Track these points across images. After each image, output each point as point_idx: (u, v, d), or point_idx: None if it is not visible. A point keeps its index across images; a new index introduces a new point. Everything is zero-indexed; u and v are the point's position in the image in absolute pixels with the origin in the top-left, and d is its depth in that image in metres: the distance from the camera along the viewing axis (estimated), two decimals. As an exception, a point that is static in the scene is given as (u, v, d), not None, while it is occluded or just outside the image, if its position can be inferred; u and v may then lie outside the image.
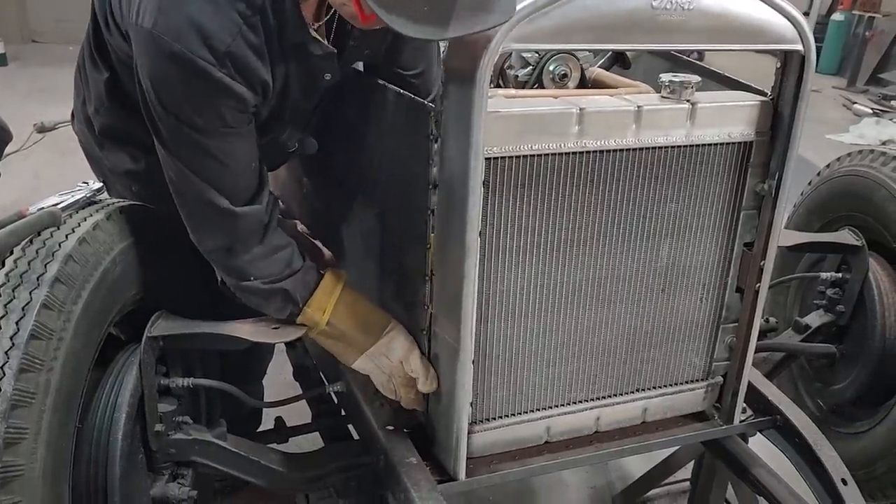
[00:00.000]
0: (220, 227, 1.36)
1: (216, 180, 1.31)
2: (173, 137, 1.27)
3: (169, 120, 1.25)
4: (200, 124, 1.25)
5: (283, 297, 1.42)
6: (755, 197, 1.53)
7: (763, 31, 1.37)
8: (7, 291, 1.15)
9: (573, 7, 1.21)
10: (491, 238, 1.35)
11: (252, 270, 1.40)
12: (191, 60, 1.17)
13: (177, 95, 1.22)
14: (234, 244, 1.37)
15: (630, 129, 1.38)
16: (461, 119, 1.24)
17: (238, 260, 1.39)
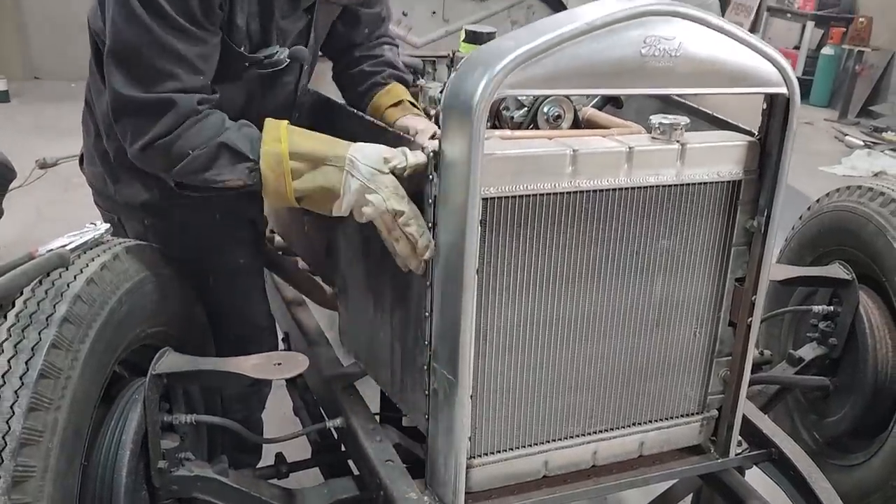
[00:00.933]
0: (159, 119, 1.37)
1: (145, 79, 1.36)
2: (123, 23, 1.34)
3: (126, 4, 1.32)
4: (163, 7, 1.32)
5: (229, 154, 1.40)
6: (745, 233, 1.57)
7: (748, 74, 1.42)
8: (17, 331, 1.18)
9: (564, 55, 1.26)
10: (488, 275, 1.39)
11: (186, 145, 1.39)
12: None
13: None
14: (162, 133, 1.38)
15: (622, 169, 1.43)
16: (459, 161, 1.28)
17: (170, 144, 1.38)
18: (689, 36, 1.34)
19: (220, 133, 1.40)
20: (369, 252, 1.67)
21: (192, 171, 1.41)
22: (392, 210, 1.34)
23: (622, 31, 1.29)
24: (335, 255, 1.86)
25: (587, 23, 1.27)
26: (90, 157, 1.71)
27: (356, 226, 1.72)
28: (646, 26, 1.30)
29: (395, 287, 1.56)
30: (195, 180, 1.43)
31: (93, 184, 1.73)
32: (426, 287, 1.41)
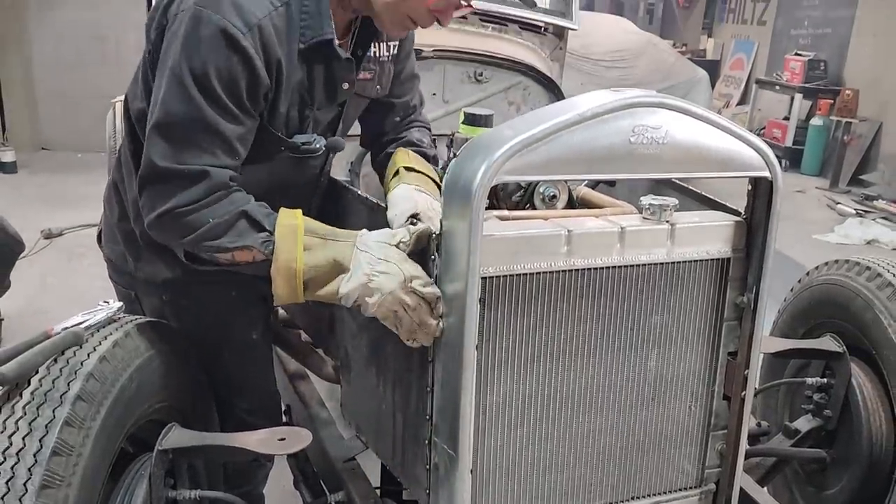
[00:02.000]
0: (189, 188, 1.41)
1: (186, 154, 1.41)
2: (173, 98, 1.40)
3: (178, 82, 1.39)
4: (215, 89, 1.39)
5: (247, 222, 1.43)
6: (735, 309, 1.62)
7: (733, 160, 1.50)
8: (32, 409, 1.21)
9: (558, 144, 1.34)
10: (488, 351, 1.44)
11: (208, 214, 1.42)
12: (225, 27, 1.38)
13: (205, 61, 1.38)
14: (200, 203, 1.41)
15: (615, 248, 1.49)
16: (459, 242, 1.34)
17: (192, 212, 1.42)
18: (675, 125, 1.42)
19: (242, 205, 1.45)
20: (372, 326, 1.72)
21: (207, 239, 1.43)
22: (408, 275, 1.35)
23: (612, 121, 1.37)
24: (338, 328, 1.91)
25: (579, 113, 1.35)
26: (111, 235, 1.76)
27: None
28: (634, 116, 1.38)
29: (397, 361, 1.60)
30: (206, 250, 1.45)
31: (111, 260, 1.79)
32: (428, 362, 1.45)
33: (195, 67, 1.39)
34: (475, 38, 2.82)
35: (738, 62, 11.50)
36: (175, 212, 1.42)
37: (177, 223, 1.43)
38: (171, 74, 1.41)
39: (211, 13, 1.38)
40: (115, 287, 1.80)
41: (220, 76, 1.40)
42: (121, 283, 1.78)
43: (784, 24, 10.55)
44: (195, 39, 1.39)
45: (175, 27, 1.43)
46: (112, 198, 1.75)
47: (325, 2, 1.48)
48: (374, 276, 1.37)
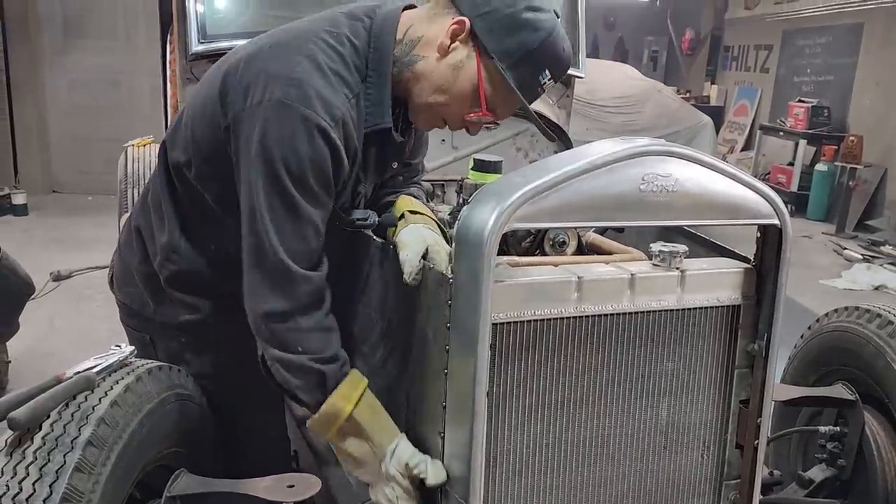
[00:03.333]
0: (284, 289, 1.43)
1: (295, 243, 1.43)
2: (275, 195, 1.41)
3: (279, 178, 1.40)
4: (310, 184, 1.42)
5: (317, 380, 1.45)
6: (747, 356, 1.62)
7: (741, 207, 1.51)
8: (43, 454, 1.21)
9: (568, 191, 1.36)
10: (498, 398, 1.43)
11: (302, 342, 1.44)
12: (317, 121, 1.41)
13: (300, 153, 1.40)
14: (293, 309, 1.43)
15: (625, 294, 1.49)
16: (471, 288, 1.35)
17: (292, 326, 1.43)
18: (685, 173, 1.44)
19: (329, 359, 1.47)
20: (383, 371, 1.72)
21: (284, 364, 1.46)
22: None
23: (622, 170, 1.39)
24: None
25: (590, 162, 1.37)
26: (128, 278, 1.76)
27: (371, 344, 1.78)
28: (644, 165, 1.40)
29: (408, 407, 1.59)
30: (276, 370, 1.49)
31: (125, 304, 1.79)
32: (441, 408, 1.45)
33: (290, 162, 1.40)
34: (484, 86, 2.86)
35: (742, 108, 11.63)
36: (270, 320, 1.44)
37: (268, 331, 1.45)
38: (263, 166, 1.41)
39: (300, 107, 1.40)
40: (128, 331, 1.80)
41: (314, 168, 1.42)
42: (134, 327, 1.78)
43: (787, 72, 10.70)
44: (287, 131, 1.40)
45: (258, 113, 1.42)
46: (133, 241, 1.75)
47: (386, 92, 1.53)
48: (375, 491, 1.52)
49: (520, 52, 1.48)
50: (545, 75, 1.52)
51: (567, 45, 1.53)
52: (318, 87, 1.42)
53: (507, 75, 1.48)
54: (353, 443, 1.49)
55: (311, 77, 1.43)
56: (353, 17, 1.56)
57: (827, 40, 9.78)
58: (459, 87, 1.52)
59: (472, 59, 1.50)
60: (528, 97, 1.54)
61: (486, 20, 1.48)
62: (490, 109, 1.54)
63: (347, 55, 1.50)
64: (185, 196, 1.62)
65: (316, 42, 1.48)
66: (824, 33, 9.84)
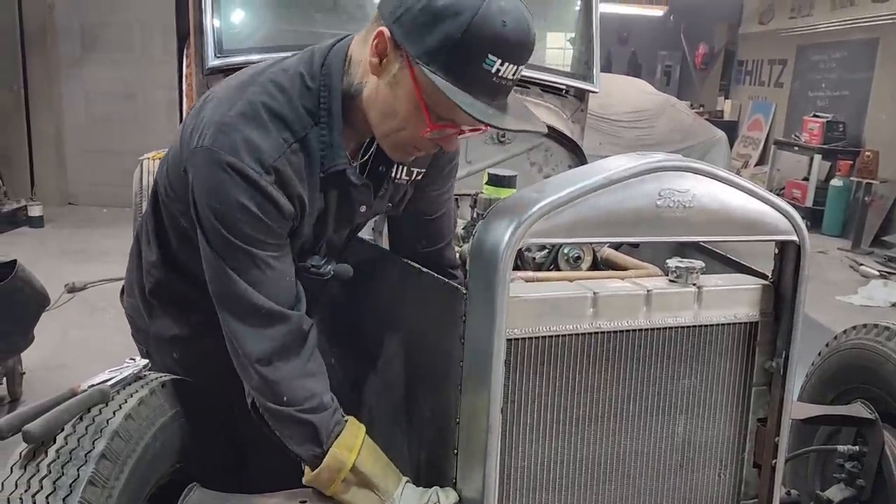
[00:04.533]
0: (263, 331, 1.40)
1: (260, 285, 1.39)
2: (221, 245, 1.38)
3: (218, 228, 1.36)
4: (247, 232, 1.36)
5: (309, 433, 1.42)
6: (765, 374, 1.60)
7: (759, 223, 1.50)
8: (57, 468, 1.21)
9: (584, 206, 1.35)
10: (512, 414, 1.42)
11: (287, 390, 1.40)
12: (242, 169, 1.33)
13: (228, 203, 1.34)
14: (275, 352, 1.40)
15: (641, 310, 1.48)
16: (485, 304, 1.34)
17: (277, 374, 1.40)
18: (702, 188, 1.43)
19: (317, 408, 1.44)
20: (397, 385, 1.71)
21: (273, 416, 1.44)
22: None
23: (638, 185, 1.38)
24: (362, 389, 1.89)
25: (606, 177, 1.37)
26: (130, 288, 1.78)
27: (385, 359, 1.78)
28: (661, 180, 1.40)
29: (423, 424, 1.59)
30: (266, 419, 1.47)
31: (131, 315, 1.81)
32: (455, 424, 1.44)
33: (220, 213, 1.36)
34: (498, 101, 2.87)
35: (756, 123, 11.59)
36: (255, 367, 1.40)
37: (255, 380, 1.42)
38: (204, 215, 1.39)
39: (225, 154, 1.33)
40: (137, 345, 1.82)
41: (247, 217, 1.36)
42: (137, 339, 1.80)
43: (801, 86, 10.66)
44: (213, 181, 1.35)
45: (193, 160, 1.39)
46: (133, 253, 1.77)
47: (336, 134, 1.42)
48: None
49: (445, 48, 1.25)
50: (492, 61, 1.26)
51: (513, 16, 1.26)
52: (246, 133, 1.34)
53: (439, 77, 1.26)
54: (358, 494, 1.45)
55: (241, 122, 1.34)
56: (319, 53, 1.45)
57: (842, 55, 9.74)
58: (404, 106, 1.34)
59: (405, 70, 1.31)
60: (487, 92, 1.30)
61: (403, 24, 1.28)
62: (445, 120, 1.35)
63: (296, 96, 1.39)
64: (166, 214, 1.62)
65: (263, 84, 1.40)
66: (839, 48, 9.80)
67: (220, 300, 1.42)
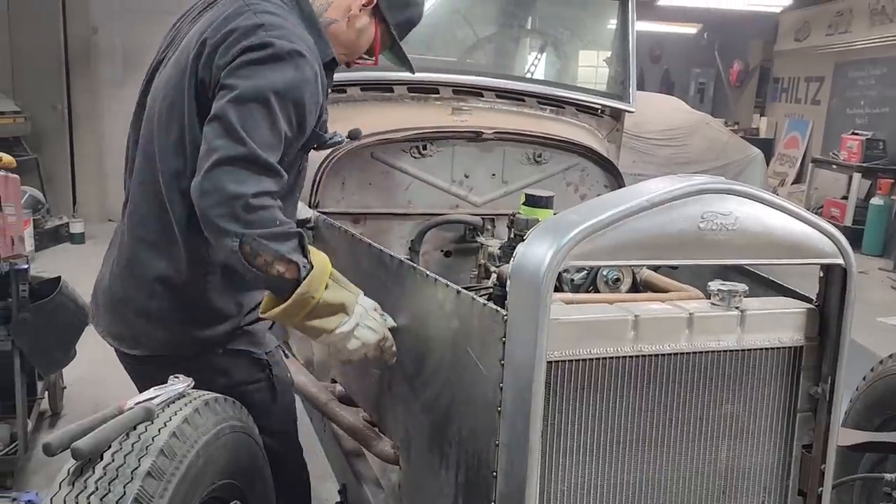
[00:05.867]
0: (261, 175, 1.50)
1: (264, 138, 1.52)
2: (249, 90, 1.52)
3: (265, 91, 1.52)
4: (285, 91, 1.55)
5: (298, 242, 1.55)
6: (810, 399, 1.57)
7: (804, 246, 1.48)
8: (104, 485, 1.23)
9: (626, 229, 1.35)
10: (553, 437, 1.41)
11: (278, 215, 1.52)
12: (300, 49, 1.59)
13: (282, 73, 1.55)
14: (270, 194, 1.51)
15: (683, 334, 1.47)
16: (526, 326, 1.34)
17: (269, 203, 1.50)
18: (745, 211, 1.41)
19: (299, 230, 1.58)
20: (436, 406, 1.71)
21: (270, 239, 1.49)
22: (384, 336, 1.71)
23: (681, 208, 1.37)
24: (398, 407, 1.90)
25: (648, 199, 1.36)
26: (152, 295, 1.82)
27: (423, 380, 1.78)
28: (703, 202, 1.38)
29: (461, 446, 1.58)
30: (261, 248, 1.49)
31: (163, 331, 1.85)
32: (493, 447, 1.43)
33: (278, 83, 1.53)
34: (533, 121, 2.88)
35: (793, 141, 11.43)
36: (251, 200, 1.47)
37: (250, 212, 1.48)
38: (252, 90, 1.52)
39: (284, 42, 1.56)
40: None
41: (300, 91, 1.57)
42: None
43: (839, 104, 10.50)
44: (274, 60, 1.54)
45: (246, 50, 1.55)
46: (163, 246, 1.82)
47: (320, 33, 1.76)
48: (362, 329, 1.66)
49: (409, 24, 1.91)
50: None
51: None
52: (286, 25, 1.62)
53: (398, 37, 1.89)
54: (337, 293, 1.61)
55: (275, 18, 1.61)
56: None
57: (881, 72, 9.59)
58: (359, 46, 1.87)
59: (372, 25, 1.84)
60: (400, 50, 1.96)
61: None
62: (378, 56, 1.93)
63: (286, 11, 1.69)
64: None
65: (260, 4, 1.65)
66: (878, 65, 9.65)
67: (221, 160, 1.48)
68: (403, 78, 2.84)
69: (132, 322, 1.73)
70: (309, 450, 3.41)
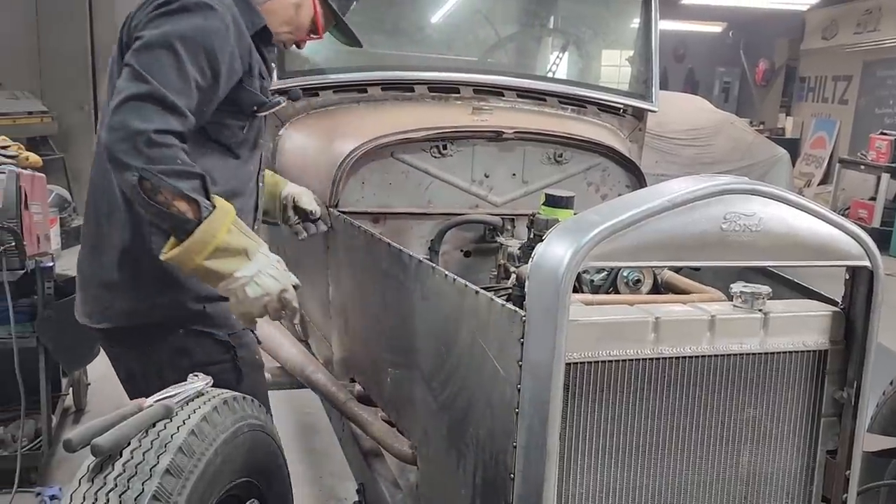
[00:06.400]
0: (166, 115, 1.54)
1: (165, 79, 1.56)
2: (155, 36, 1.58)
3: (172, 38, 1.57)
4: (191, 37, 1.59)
5: (200, 182, 1.56)
6: (835, 404, 1.54)
7: (830, 248, 1.45)
8: (123, 481, 1.24)
9: (647, 230, 1.33)
10: (570, 440, 1.40)
11: (179, 154, 1.54)
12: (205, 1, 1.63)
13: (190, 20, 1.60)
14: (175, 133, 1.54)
15: (705, 336, 1.45)
16: (544, 327, 1.33)
17: (172, 142, 1.53)
18: (769, 212, 1.39)
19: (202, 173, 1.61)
20: (454, 408, 1.70)
21: (170, 176, 1.51)
22: (287, 286, 1.68)
23: (703, 208, 1.35)
24: (417, 407, 1.89)
25: (669, 200, 1.34)
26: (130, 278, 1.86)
27: (441, 380, 1.78)
28: (726, 203, 1.37)
29: (478, 446, 1.57)
30: (161, 184, 1.51)
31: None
32: (511, 448, 1.42)
33: (184, 30, 1.58)
34: (555, 120, 2.86)
35: (820, 141, 11.27)
36: (153, 136, 1.50)
37: (151, 148, 1.51)
38: (159, 36, 1.57)
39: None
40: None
41: (208, 39, 1.60)
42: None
43: (867, 103, 10.33)
44: (181, 10, 1.59)
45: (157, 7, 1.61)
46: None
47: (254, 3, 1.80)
48: (264, 276, 1.64)
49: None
50: None
51: None
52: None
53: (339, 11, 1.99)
54: (242, 238, 1.62)
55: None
56: None
57: (911, 71, 9.43)
58: (300, 21, 1.92)
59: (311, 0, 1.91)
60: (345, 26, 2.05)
61: None
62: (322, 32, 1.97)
63: None
64: None
65: None
66: (908, 64, 9.49)
67: (126, 98, 1.52)
68: (424, 78, 2.84)
69: (98, 295, 1.79)
70: (328, 449, 3.45)
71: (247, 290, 1.62)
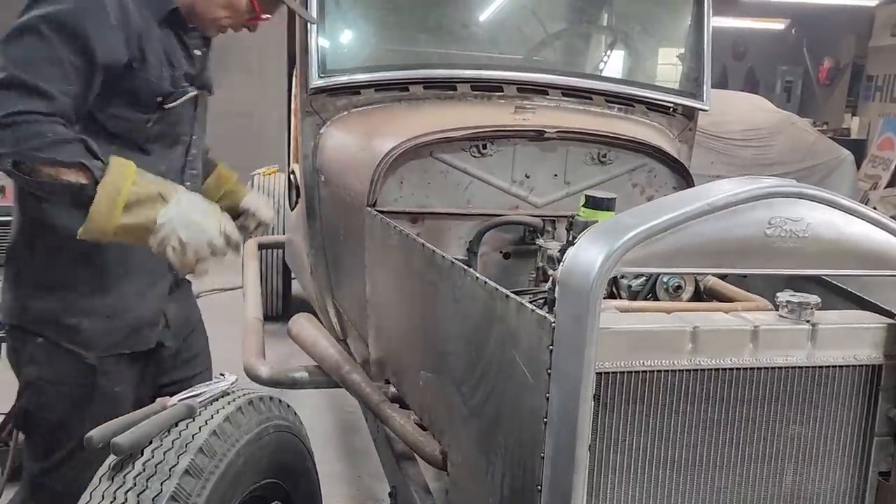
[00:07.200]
0: (27, 96, 1.49)
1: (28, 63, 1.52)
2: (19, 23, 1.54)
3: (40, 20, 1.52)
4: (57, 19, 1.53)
5: (85, 146, 1.52)
6: (889, 423, 1.44)
7: (884, 255, 1.36)
8: (142, 481, 1.24)
9: (686, 233, 1.26)
10: (600, 453, 1.34)
11: (52, 129, 1.50)
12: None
13: (51, 2, 1.54)
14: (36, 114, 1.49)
15: (747, 348, 1.37)
16: (574, 334, 1.27)
17: (40, 119, 1.49)
18: (818, 216, 1.31)
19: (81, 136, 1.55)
20: (483, 415, 1.66)
21: (40, 150, 1.48)
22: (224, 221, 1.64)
23: (747, 212, 1.28)
24: (447, 411, 1.86)
25: (709, 203, 1.27)
26: None
27: (470, 386, 1.73)
28: (771, 207, 1.29)
29: (507, 455, 1.53)
30: (35, 160, 1.48)
31: None
32: (539, 458, 1.37)
33: (51, 12, 1.53)
34: (599, 119, 2.79)
35: (887, 142, 10.81)
36: (14, 118, 1.47)
37: (15, 130, 1.47)
38: (25, 21, 1.53)
39: None
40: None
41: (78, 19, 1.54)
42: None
43: (939, 103, 9.88)
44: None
45: None
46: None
47: None
48: (195, 214, 1.58)
49: None
50: None
51: None
52: None
53: None
54: (151, 186, 1.56)
55: None
56: None
57: None
58: (237, 4, 1.84)
59: None
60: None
61: None
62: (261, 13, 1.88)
63: None
64: None
65: None
66: (984, 61, 9.03)
67: None
68: (467, 76, 2.80)
69: (2, 290, 1.80)
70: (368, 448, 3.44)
71: (181, 236, 1.55)
